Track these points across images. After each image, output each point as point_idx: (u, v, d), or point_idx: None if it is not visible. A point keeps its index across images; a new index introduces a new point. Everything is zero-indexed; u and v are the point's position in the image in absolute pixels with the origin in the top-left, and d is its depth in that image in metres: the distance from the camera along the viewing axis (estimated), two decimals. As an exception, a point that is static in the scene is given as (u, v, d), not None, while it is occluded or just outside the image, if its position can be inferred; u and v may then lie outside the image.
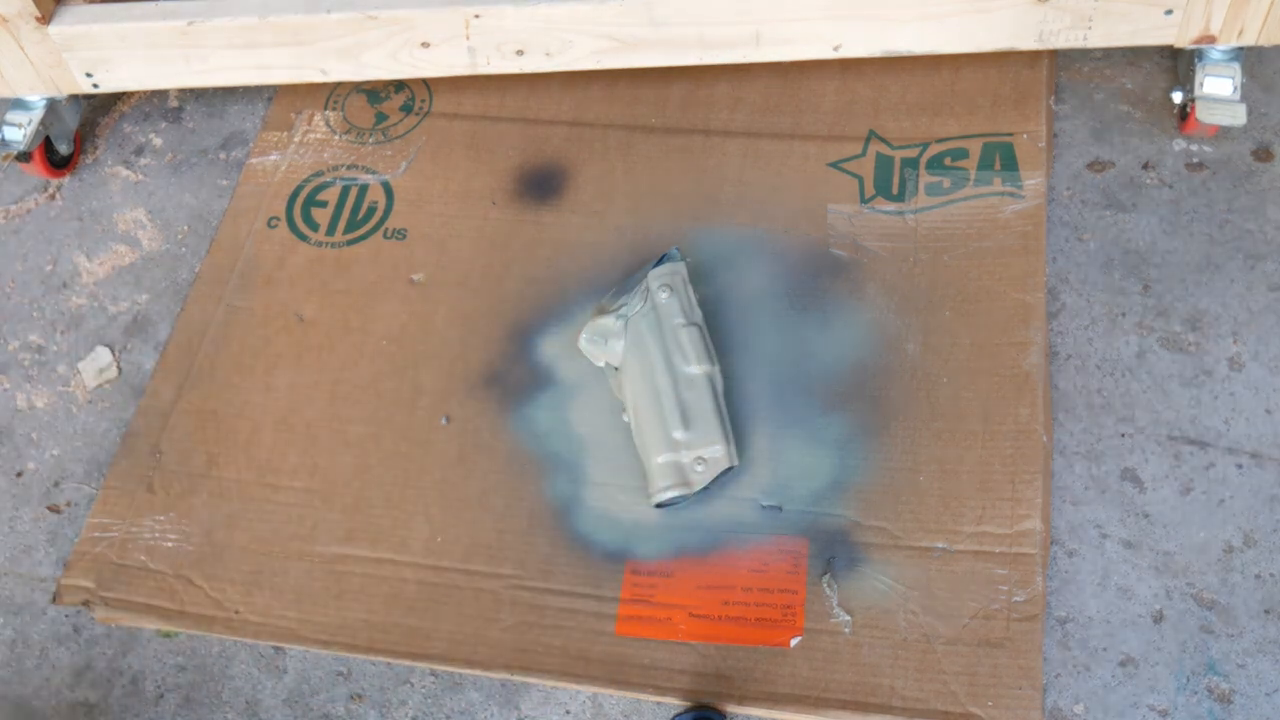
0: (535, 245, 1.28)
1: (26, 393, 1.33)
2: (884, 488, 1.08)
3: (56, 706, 1.14)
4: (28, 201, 1.48)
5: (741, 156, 1.30)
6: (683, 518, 1.09)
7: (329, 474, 1.16)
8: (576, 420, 1.16)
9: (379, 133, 1.39)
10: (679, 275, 1.17)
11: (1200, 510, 1.08)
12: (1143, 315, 1.18)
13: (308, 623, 1.09)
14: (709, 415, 1.09)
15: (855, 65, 1.33)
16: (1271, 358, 1.15)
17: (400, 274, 1.28)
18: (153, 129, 1.51)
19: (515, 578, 1.09)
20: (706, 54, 1.28)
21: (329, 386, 1.22)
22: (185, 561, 1.13)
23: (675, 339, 1.13)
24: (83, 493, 1.25)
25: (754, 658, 1.02)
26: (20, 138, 1.39)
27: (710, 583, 1.06)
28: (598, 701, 1.07)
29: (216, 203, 1.43)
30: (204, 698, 1.12)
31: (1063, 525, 1.09)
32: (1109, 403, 1.14)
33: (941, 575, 1.03)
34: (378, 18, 1.26)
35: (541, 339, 1.22)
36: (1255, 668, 1.01)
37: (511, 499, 1.13)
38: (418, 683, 1.10)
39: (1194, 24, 1.19)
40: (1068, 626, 1.05)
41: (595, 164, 1.32)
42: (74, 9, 1.31)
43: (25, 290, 1.41)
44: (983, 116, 1.28)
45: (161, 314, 1.36)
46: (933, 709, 0.97)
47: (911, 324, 1.16)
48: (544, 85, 1.39)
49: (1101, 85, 1.34)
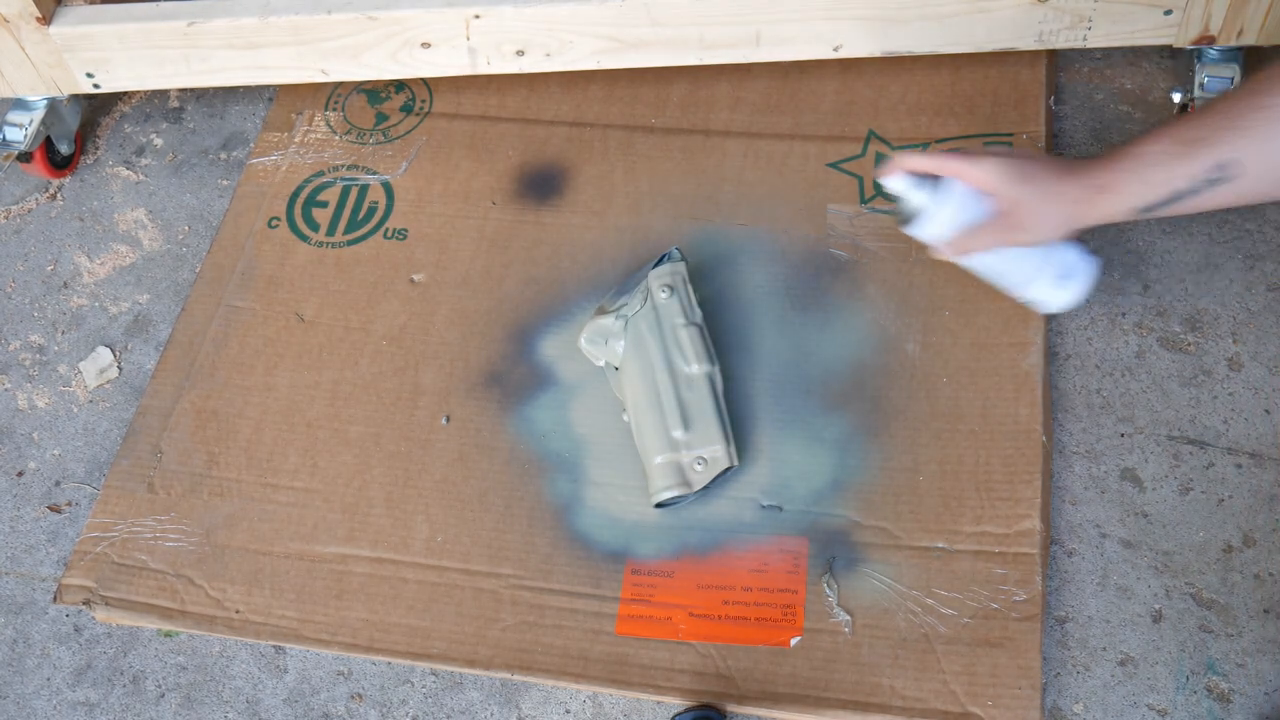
0: (535, 245, 1.28)
1: (27, 392, 1.33)
2: (884, 488, 1.08)
3: (57, 706, 1.14)
4: (29, 201, 1.48)
5: (741, 156, 1.30)
6: (683, 518, 1.09)
7: (329, 474, 1.17)
8: (576, 420, 1.16)
9: (379, 133, 1.39)
10: (679, 275, 1.17)
11: (1200, 510, 1.08)
12: (1142, 315, 1.19)
13: (308, 622, 1.09)
14: (709, 415, 1.09)
15: (855, 65, 1.33)
16: (1271, 358, 1.15)
17: (400, 274, 1.28)
18: (153, 129, 1.51)
19: (515, 577, 1.09)
20: (706, 54, 1.28)
21: (329, 386, 1.22)
22: (186, 561, 1.14)
23: (675, 339, 1.13)
24: (83, 492, 1.26)
25: (754, 657, 1.02)
26: (21, 138, 1.39)
27: (710, 582, 1.06)
28: (598, 701, 1.07)
29: (217, 203, 1.43)
30: (204, 697, 1.12)
31: (1062, 525, 1.09)
32: (1108, 403, 1.14)
33: (941, 575, 1.03)
34: (378, 18, 1.26)
35: (541, 339, 1.22)
36: (1255, 667, 1.01)
37: (511, 499, 1.13)
38: (418, 682, 1.10)
39: (1193, 24, 1.19)
40: (1067, 626, 1.05)
41: (595, 164, 1.33)
42: (74, 9, 1.31)
43: (26, 290, 1.41)
44: (983, 116, 1.28)
45: (162, 314, 1.36)
46: (932, 709, 0.98)
47: (911, 324, 1.16)
48: (544, 85, 1.39)
49: (1101, 85, 1.34)
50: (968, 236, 1.00)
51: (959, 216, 0.98)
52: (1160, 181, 0.90)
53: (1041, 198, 0.96)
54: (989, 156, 0.97)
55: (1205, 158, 0.87)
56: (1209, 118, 0.88)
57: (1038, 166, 0.97)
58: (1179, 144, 0.89)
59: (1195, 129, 0.88)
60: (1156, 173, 0.90)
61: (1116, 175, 0.92)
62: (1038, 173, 0.96)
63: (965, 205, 0.97)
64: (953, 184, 0.98)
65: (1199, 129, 0.88)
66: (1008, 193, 0.96)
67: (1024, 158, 0.98)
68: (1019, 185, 0.96)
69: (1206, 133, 0.87)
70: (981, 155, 0.98)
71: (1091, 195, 0.94)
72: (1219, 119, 0.87)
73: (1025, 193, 0.96)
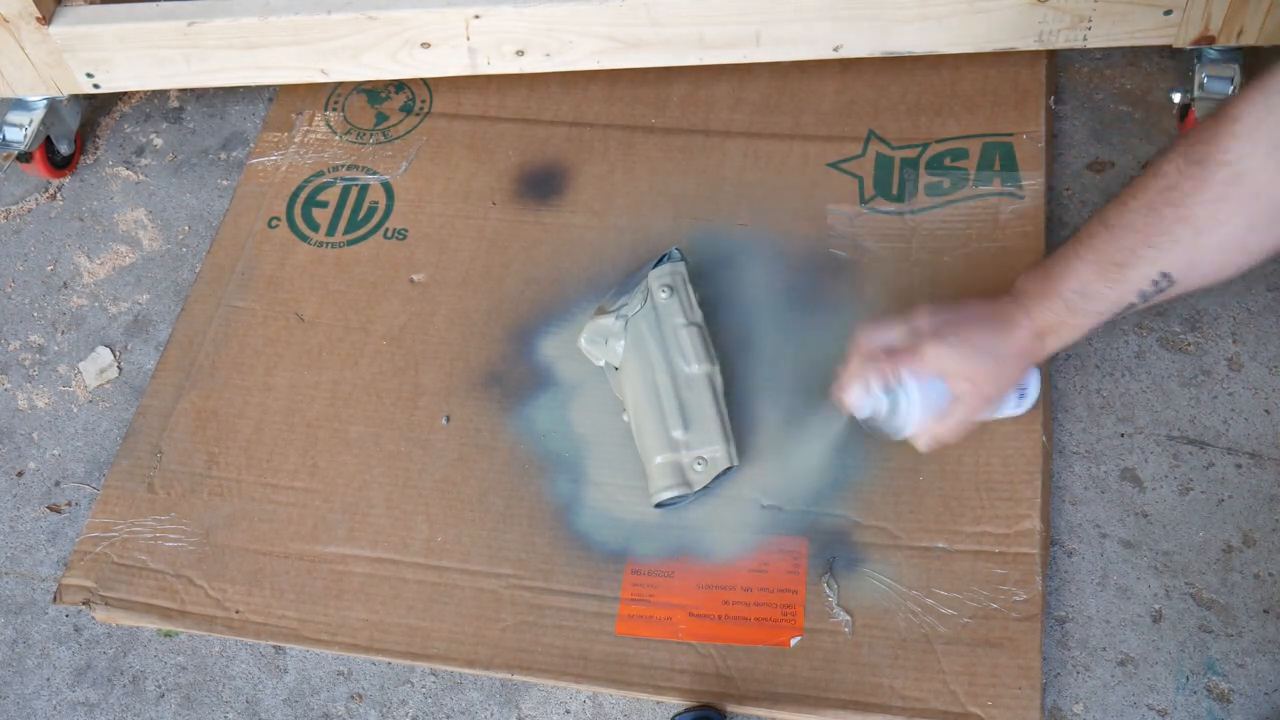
0: (535, 245, 1.28)
1: (27, 393, 1.33)
2: (884, 488, 1.08)
3: (57, 706, 1.14)
4: (28, 201, 1.48)
5: (741, 156, 1.30)
6: (683, 518, 1.09)
7: (329, 474, 1.17)
8: (576, 420, 1.16)
9: (379, 133, 1.39)
10: (679, 275, 1.17)
11: (1199, 510, 1.08)
12: (1142, 315, 1.19)
13: (308, 622, 1.09)
14: (709, 415, 1.09)
15: (855, 65, 1.33)
16: (1270, 358, 1.15)
17: (400, 274, 1.28)
18: (153, 129, 1.51)
19: (515, 578, 1.09)
20: (706, 54, 1.28)
21: (329, 386, 1.22)
22: (186, 561, 1.14)
23: (675, 339, 1.13)
24: (83, 492, 1.26)
25: (754, 657, 1.02)
26: (21, 138, 1.39)
27: (710, 582, 1.06)
28: (598, 701, 1.07)
29: (217, 203, 1.43)
30: (204, 697, 1.12)
31: (1062, 525, 1.09)
32: (1108, 402, 1.14)
33: (941, 575, 1.03)
34: (378, 18, 1.26)
35: (541, 339, 1.22)
36: (1255, 667, 1.01)
37: (511, 499, 1.13)
38: (418, 682, 1.10)
39: (1193, 24, 1.19)
40: (1067, 626, 1.05)
41: (595, 164, 1.33)
42: (74, 9, 1.31)
43: (26, 290, 1.41)
44: (982, 117, 1.28)
45: (162, 314, 1.36)
46: (932, 709, 0.98)
47: (911, 324, 1.16)
48: (544, 85, 1.39)
49: (1101, 85, 1.34)
50: (943, 427, 0.96)
51: (925, 410, 0.95)
52: (1103, 309, 0.90)
53: (994, 365, 0.94)
54: (927, 345, 0.93)
55: (1135, 282, 0.86)
56: (1129, 237, 0.86)
57: (976, 331, 0.93)
58: (1109, 268, 0.87)
59: (1118, 249, 0.86)
60: (1096, 302, 0.89)
61: (1057, 314, 0.91)
62: (979, 339, 0.93)
63: (928, 398, 0.94)
64: (908, 387, 0.95)
65: (1122, 253, 0.86)
66: (961, 373, 0.93)
67: (958, 324, 0.94)
68: (969, 363, 0.93)
69: (1130, 257, 0.86)
70: (919, 347, 0.93)
71: (1039, 340, 0.93)
72: (1140, 239, 0.85)
73: (977, 368, 0.93)
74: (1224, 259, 0.85)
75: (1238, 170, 0.80)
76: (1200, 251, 0.84)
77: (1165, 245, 0.84)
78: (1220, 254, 0.85)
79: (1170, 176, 0.84)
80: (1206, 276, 0.87)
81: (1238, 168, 0.80)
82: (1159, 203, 0.84)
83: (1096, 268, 0.88)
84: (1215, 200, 0.81)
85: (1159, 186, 0.84)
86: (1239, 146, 0.80)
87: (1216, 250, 0.84)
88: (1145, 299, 0.88)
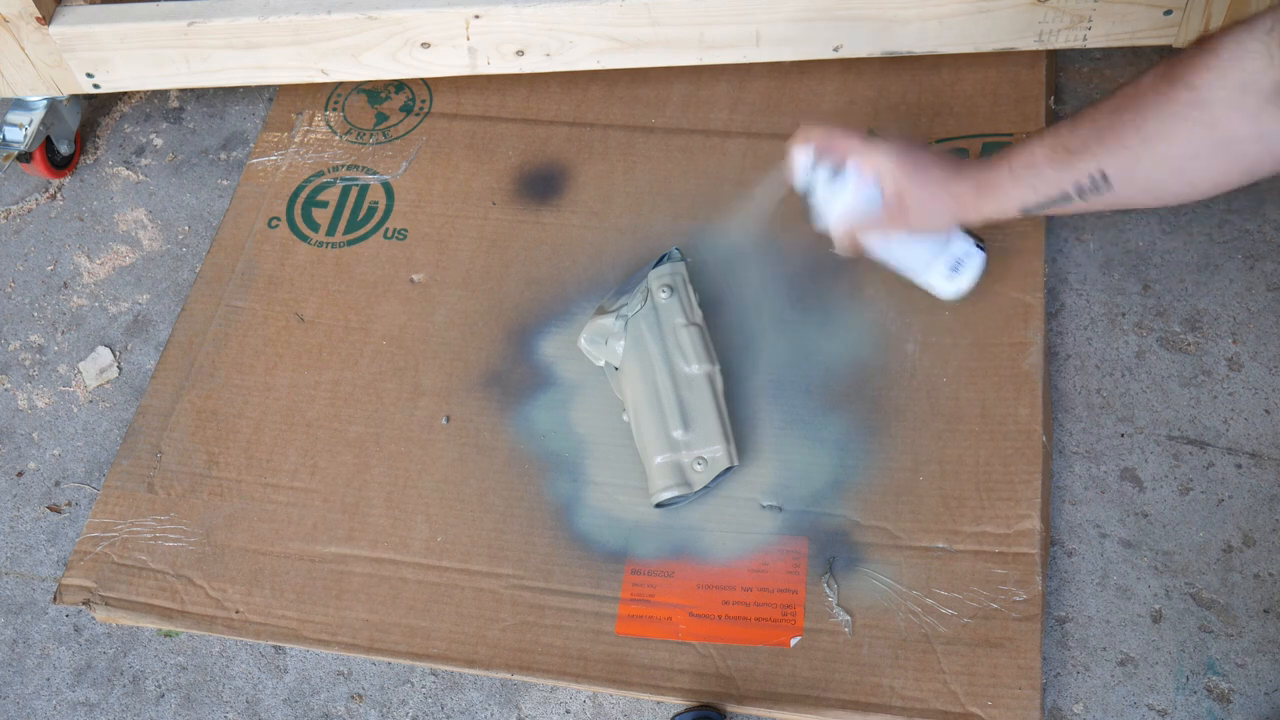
0: (535, 245, 1.28)
1: (27, 393, 1.33)
2: (884, 488, 1.08)
3: (57, 706, 1.14)
4: (29, 201, 1.48)
5: (741, 156, 1.30)
6: (683, 518, 1.09)
7: (329, 474, 1.17)
8: (576, 420, 1.16)
9: (379, 133, 1.39)
10: (679, 275, 1.17)
11: (1199, 510, 1.08)
12: (1142, 315, 1.19)
13: (308, 622, 1.09)
14: (709, 415, 1.09)
15: (855, 65, 1.33)
16: (1270, 358, 1.15)
17: (400, 274, 1.28)
18: (153, 129, 1.51)
19: (515, 578, 1.09)
20: (706, 54, 1.28)
21: (329, 386, 1.22)
22: (185, 561, 1.14)
23: (675, 339, 1.13)
24: (83, 492, 1.26)
25: (754, 657, 1.02)
26: (21, 138, 1.39)
27: (710, 582, 1.06)
28: (598, 701, 1.07)
29: (217, 203, 1.43)
30: (204, 697, 1.12)
31: (1062, 525, 1.09)
32: (1108, 402, 1.14)
33: (941, 575, 1.03)
34: (378, 18, 1.26)
35: (541, 339, 1.22)
36: (1255, 667, 1.01)
37: (511, 499, 1.13)
38: (418, 682, 1.10)
39: (1193, 24, 1.19)
40: (1067, 626, 1.05)
41: (595, 164, 1.33)
42: (74, 9, 1.31)
43: (26, 290, 1.41)
44: (983, 116, 1.28)
45: (162, 314, 1.36)
46: (932, 709, 0.98)
47: (911, 324, 1.16)
48: (544, 85, 1.39)
49: (1101, 85, 1.34)
50: (860, 225, 1.04)
51: (854, 203, 1.02)
52: (1041, 188, 0.94)
53: (928, 190, 1.00)
54: (882, 143, 1.00)
55: (1082, 168, 0.90)
56: (1086, 129, 0.90)
57: (928, 159, 1.00)
58: (1060, 152, 0.91)
59: (1074, 138, 0.91)
60: (1038, 179, 0.93)
61: (1001, 177, 0.96)
62: (927, 165, 1.00)
63: (860, 192, 1.01)
64: (847, 173, 1.02)
65: (1077, 138, 0.91)
66: (896, 181, 1.00)
67: (917, 149, 1.01)
68: (907, 176, 0.99)
69: (1080, 146, 0.90)
70: (876, 142, 1.01)
71: (977, 194, 0.98)
72: (1093, 133, 0.89)
73: (913, 183, 0.99)
74: (1161, 178, 0.88)
75: (1202, 97, 0.83)
76: (1142, 162, 0.87)
77: (1113, 146, 0.88)
78: (1159, 170, 0.87)
79: (1141, 87, 0.87)
80: (1141, 192, 0.90)
81: (1203, 94, 0.82)
82: (1123, 106, 0.88)
83: (1049, 150, 0.92)
84: (1171, 117, 0.84)
85: (1129, 93, 0.88)
86: (1210, 77, 0.82)
87: (1157, 164, 0.87)
88: (1080, 194, 0.91)
